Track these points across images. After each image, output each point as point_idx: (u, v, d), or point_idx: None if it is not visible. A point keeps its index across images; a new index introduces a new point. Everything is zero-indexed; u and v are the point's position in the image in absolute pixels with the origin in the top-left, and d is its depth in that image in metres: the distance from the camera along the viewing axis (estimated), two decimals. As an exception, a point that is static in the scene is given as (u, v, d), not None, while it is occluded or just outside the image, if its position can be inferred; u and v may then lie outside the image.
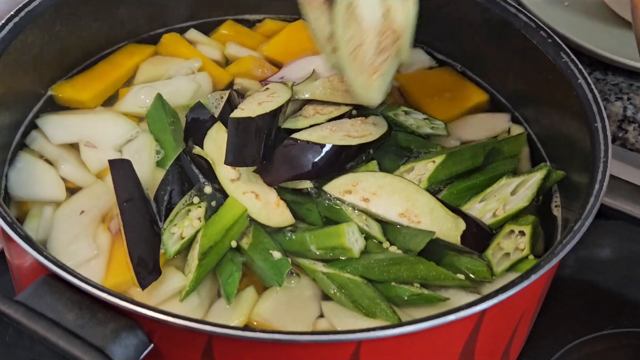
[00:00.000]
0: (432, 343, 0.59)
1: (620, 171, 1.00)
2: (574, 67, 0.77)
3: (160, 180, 0.72)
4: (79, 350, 0.53)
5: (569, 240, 0.62)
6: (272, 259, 0.68)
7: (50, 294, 0.56)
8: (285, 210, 0.72)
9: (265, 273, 0.68)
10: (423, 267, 0.68)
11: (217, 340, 0.56)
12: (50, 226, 0.71)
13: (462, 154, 0.77)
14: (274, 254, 0.68)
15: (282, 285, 0.67)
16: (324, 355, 0.57)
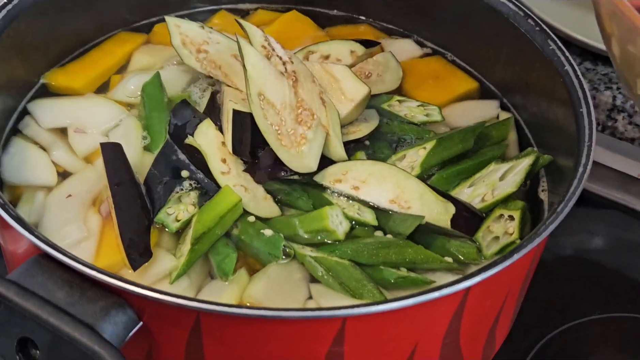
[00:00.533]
0: (416, 321, 0.60)
1: (610, 160, 1.01)
2: (561, 55, 0.78)
3: (148, 165, 0.73)
4: (69, 327, 0.54)
5: (552, 221, 0.63)
6: (265, 237, 0.69)
7: (42, 273, 0.57)
8: (272, 203, 0.73)
9: (261, 251, 0.69)
10: (411, 251, 0.69)
11: (205, 317, 0.57)
12: (42, 210, 0.72)
13: (452, 139, 0.78)
14: (266, 232, 0.70)
15: (280, 258, 0.68)
16: (310, 332, 0.58)
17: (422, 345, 0.63)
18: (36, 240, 0.58)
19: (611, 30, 0.70)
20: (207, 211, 0.70)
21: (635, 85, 0.70)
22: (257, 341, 0.58)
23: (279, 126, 0.74)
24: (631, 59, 0.68)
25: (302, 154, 0.73)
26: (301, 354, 0.59)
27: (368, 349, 0.61)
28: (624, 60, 0.69)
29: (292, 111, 0.74)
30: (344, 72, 0.80)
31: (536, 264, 0.72)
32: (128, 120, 0.79)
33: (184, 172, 0.74)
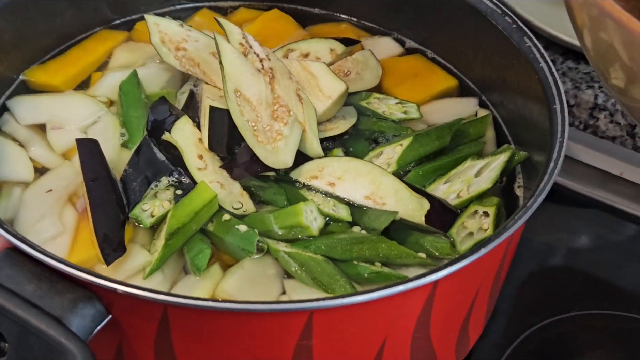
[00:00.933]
0: (384, 314, 0.61)
1: (592, 158, 1.02)
2: (537, 52, 0.79)
3: (125, 161, 0.73)
4: (36, 319, 0.54)
5: (521, 216, 0.63)
6: (240, 232, 0.70)
7: (11, 266, 0.58)
8: (248, 200, 0.74)
9: (235, 246, 0.69)
10: (385, 246, 0.69)
11: (172, 310, 0.57)
12: (18, 206, 0.72)
13: (428, 135, 0.78)
14: (240, 228, 0.70)
15: (254, 253, 0.69)
16: (278, 325, 0.58)
17: (392, 339, 0.63)
18: (5, 234, 0.58)
19: (582, 22, 0.70)
20: (183, 207, 0.70)
21: (609, 76, 0.70)
22: (225, 335, 0.59)
23: (255, 122, 0.74)
24: (603, 48, 0.68)
25: (278, 150, 0.73)
26: (269, 348, 0.60)
27: (337, 343, 0.61)
28: (597, 51, 0.70)
29: (268, 107, 0.75)
30: (321, 69, 0.80)
31: (509, 260, 0.72)
32: (106, 117, 0.79)
33: (160, 168, 0.74)
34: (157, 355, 0.61)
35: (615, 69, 0.68)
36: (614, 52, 0.66)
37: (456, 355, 0.73)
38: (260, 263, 0.69)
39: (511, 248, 0.71)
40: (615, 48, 0.66)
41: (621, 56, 0.65)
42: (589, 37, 0.71)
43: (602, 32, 0.68)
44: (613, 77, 0.69)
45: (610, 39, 0.67)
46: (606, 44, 0.68)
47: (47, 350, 0.54)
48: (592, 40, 0.70)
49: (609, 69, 0.69)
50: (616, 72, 0.68)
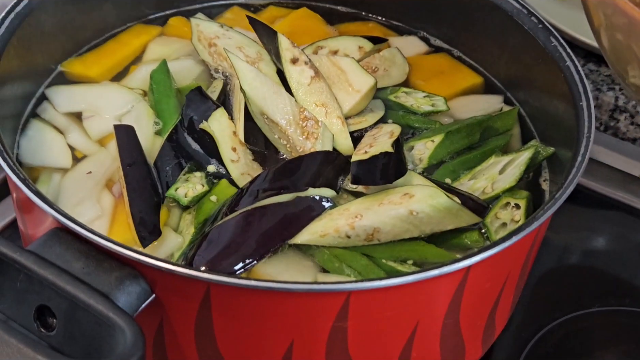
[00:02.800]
0: (418, 299, 0.62)
1: (612, 160, 1.03)
2: (563, 51, 0.81)
3: (158, 149, 0.75)
4: (85, 294, 0.56)
5: (550, 206, 0.65)
6: None
7: (59, 244, 0.60)
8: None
9: None
10: (423, 249, 0.70)
11: (215, 289, 0.59)
12: (58, 191, 0.74)
13: (459, 132, 0.80)
14: None
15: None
16: (315, 306, 0.60)
17: (424, 324, 0.65)
18: (55, 213, 0.60)
19: (599, 21, 0.72)
20: (207, 202, 0.72)
21: (627, 74, 0.71)
22: (264, 315, 0.61)
23: (287, 141, 0.77)
24: (620, 47, 0.69)
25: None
26: (306, 329, 0.62)
27: (371, 326, 0.63)
28: (614, 50, 0.71)
29: (297, 127, 0.77)
30: (350, 64, 0.82)
31: (535, 252, 0.74)
32: (140, 105, 0.81)
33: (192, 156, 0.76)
34: (197, 335, 0.63)
35: (633, 68, 0.69)
36: (631, 51, 0.67)
37: (482, 344, 0.75)
38: (297, 254, 0.70)
39: (538, 239, 0.72)
40: (631, 46, 0.67)
41: (638, 54, 0.66)
42: (605, 36, 0.72)
43: (618, 32, 0.70)
44: (631, 76, 0.71)
45: (626, 37, 0.69)
46: (622, 43, 0.69)
47: (95, 326, 0.56)
48: (609, 40, 0.72)
49: (627, 67, 0.70)
50: (634, 70, 0.70)
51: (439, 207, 0.70)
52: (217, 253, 0.67)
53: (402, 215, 0.69)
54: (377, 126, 0.80)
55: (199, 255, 0.67)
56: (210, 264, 0.66)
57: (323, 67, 0.82)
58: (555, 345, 0.84)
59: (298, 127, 0.77)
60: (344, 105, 0.80)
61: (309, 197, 0.71)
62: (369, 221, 0.69)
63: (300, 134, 0.77)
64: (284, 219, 0.69)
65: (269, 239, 0.68)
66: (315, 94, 0.80)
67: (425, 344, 0.67)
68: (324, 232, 0.69)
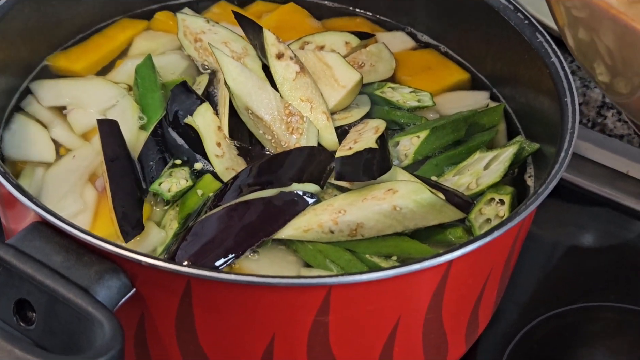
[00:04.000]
0: (399, 293, 0.62)
1: (600, 156, 1.03)
2: (548, 47, 0.81)
3: (143, 143, 0.75)
4: (64, 288, 0.56)
5: (533, 201, 0.65)
6: None
7: (39, 238, 0.59)
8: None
9: None
10: (407, 245, 0.70)
11: (195, 283, 0.59)
12: (41, 186, 0.74)
13: (444, 128, 0.80)
14: None
15: None
16: (297, 300, 0.60)
17: (405, 319, 0.65)
18: (35, 207, 0.60)
19: (562, 20, 0.72)
20: (192, 196, 0.72)
21: (595, 72, 0.71)
22: (246, 309, 0.61)
23: (272, 136, 0.76)
24: (584, 45, 0.69)
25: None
26: (288, 323, 0.62)
27: (352, 320, 0.63)
28: (579, 49, 0.71)
29: (282, 122, 0.77)
30: (336, 59, 0.82)
31: (519, 247, 0.74)
32: (125, 100, 0.81)
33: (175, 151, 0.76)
34: (178, 330, 0.63)
35: (599, 65, 0.69)
36: (594, 47, 0.67)
37: (466, 340, 0.75)
38: (280, 249, 0.70)
39: (522, 234, 0.72)
40: (594, 41, 0.67)
41: (600, 49, 0.65)
42: (570, 35, 0.72)
43: (580, 26, 0.69)
44: (598, 73, 0.70)
45: (589, 32, 0.68)
46: (585, 39, 0.69)
47: (75, 320, 0.56)
48: (573, 38, 0.71)
49: (594, 65, 0.70)
50: (600, 67, 0.69)
51: (422, 202, 0.70)
52: (199, 247, 0.67)
53: (386, 210, 0.69)
54: (363, 121, 0.80)
55: (182, 249, 0.67)
56: (193, 258, 0.65)
57: (309, 62, 0.82)
58: (539, 341, 0.85)
59: (283, 123, 0.76)
60: (329, 100, 0.80)
61: (293, 192, 0.70)
62: (353, 216, 0.69)
63: (285, 130, 0.76)
64: (268, 214, 0.69)
65: (252, 234, 0.68)
66: (300, 89, 0.79)
67: (408, 339, 0.67)
68: (308, 227, 0.69)
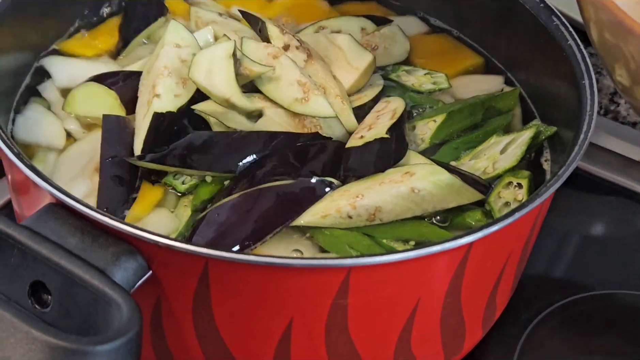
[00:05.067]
0: (419, 275, 0.62)
1: (612, 144, 1.02)
2: (565, 30, 0.80)
3: None
4: (81, 270, 0.55)
5: (553, 183, 0.64)
6: None
7: (54, 219, 0.59)
8: None
9: None
10: (426, 230, 0.69)
11: (213, 264, 0.58)
12: (52, 170, 0.74)
13: (461, 112, 0.79)
14: None
15: None
16: (316, 282, 0.59)
17: (424, 302, 0.64)
18: (50, 188, 0.59)
19: (589, 16, 0.71)
20: (204, 185, 0.71)
21: (614, 71, 0.71)
22: (264, 292, 0.60)
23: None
24: (608, 45, 0.69)
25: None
26: (306, 306, 0.61)
27: (371, 303, 0.62)
28: (603, 46, 0.71)
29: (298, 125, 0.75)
30: (348, 42, 0.81)
31: (537, 231, 0.73)
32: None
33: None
34: (194, 312, 0.62)
35: (620, 67, 0.69)
36: (618, 49, 0.66)
37: (483, 325, 0.74)
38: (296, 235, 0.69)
39: (540, 218, 0.72)
40: (619, 45, 0.66)
41: (625, 53, 0.65)
42: (595, 31, 0.71)
43: (606, 29, 0.69)
44: (618, 74, 0.70)
45: (614, 37, 0.68)
46: (610, 41, 0.68)
47: (91, 301, 0.55)
48: (598, 35, 0.71)
49: (614, 65, 0.70)
50: (621, 69, 0.69)
51: (440, 183, 0.69)
52: (215, 234, 0.66)
53: (404, 193, 0.68)
54: (384, 100, 0.79)
55: (197, 235, 0.66)
56: (209, 245, 0.64)
57: (320, 45, 0.81)
58: (555, 328, 0.84)
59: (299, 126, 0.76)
60: (343, 83, 0.79)
61: (310, 180, 0.70)
62: (371, 200, 0.68)
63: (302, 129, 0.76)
64: (285, 201, 0.68)
65: (270, 221, 0.67)
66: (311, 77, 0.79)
67: (426, 323, 0.66)
68: (326, 213, 0.68)
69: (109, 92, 0.75)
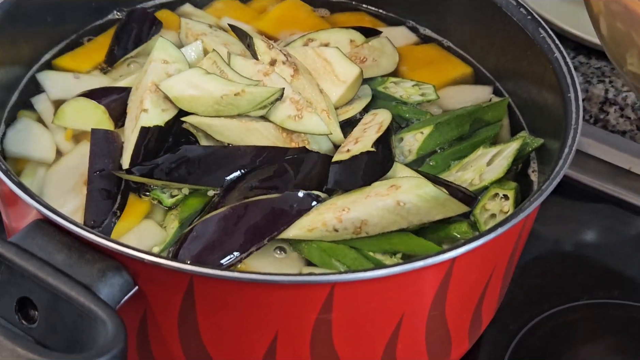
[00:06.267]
0: (403, 290, 0.62)
1: (602, 153, 1.03)
2: (551, 42, 0.81)
3: None
4: (66, 286, 0.56)
5: (537, 197, 0.64)
6: None
7: (42, 236, 0.59)
8: None
9: None
10: (413, 242, 0.70)
11: (198, 280, 0.58)
12: (42, 185, 0.74)
13: (449, 124, 0.79)
14: None
15: None
16: (300, 298, 0.60)
17: (409, 316, 0.64)
18: (37, 205, 0.60)
19: (598, 9, 0.72)
20: (192, 198, 0.72)
21: (625, 62, 0.71)
22: (249, 307, 0.60)
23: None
24: (619, 35, 0.69)
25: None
26: (291, 321, 0.61)
27: (356, 318, 0.62)
28: (613, 38, 0.71)
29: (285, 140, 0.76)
30: (335, 55, 0.82)
31: (522, 244, 0.74)
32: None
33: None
34: (180, 328, 0.62)
35: (632, 55, 0.69)
36: (630, 38, 0.67)
37: (469, 337, 0.75)
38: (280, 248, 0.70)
39: (525, 231, 0.72)
40: (631, 34, 0.67)
41: (637, 42, 0.66)
42: (604, 24, 0.72)
43: (617, 19, 0.70)
44: (629, 63, 0.71)
45: (626, 25, 0.69)
46: (622, 30, 0.69)
47: (77, 318, 0.56)
48: (608, 27, 0.72)
49: (625, 55, 0.70)
50: (632, 57, 0.70)
51: (426, 196, 0.69)
52: (202, 248, 0.66)
53: (390, 206, 0.69)
54: (371, 112, 0.80)
55: (184, 249, 0.66)
56: (195, 258, 0.65)
57: (308, 59, 0.82)
58: (543, 338, 0.84)
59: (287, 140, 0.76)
60: (330, 96, 0.80)
61: (297, 194, 0.70)
62: (357, 213, 0.69)
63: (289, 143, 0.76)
64: (272, 215, 0.69)
65: (256, 235, 0.68)
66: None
67: (411, 337, 0.67)
68: (312, 227, 0.69)
69: (97, 107, 0.76)
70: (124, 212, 0.70)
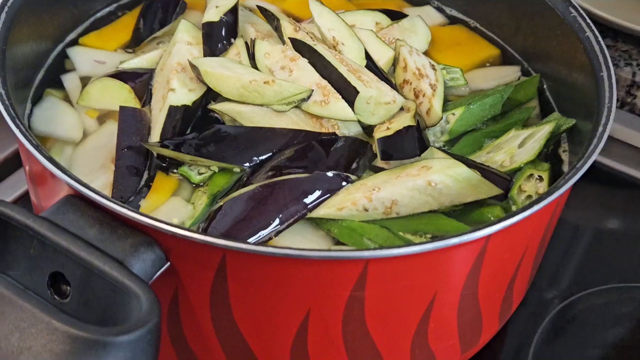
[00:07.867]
0: (436, 268, 0.61)
1: (628, 137, 1.02)
2: (582, 21, 0.79)
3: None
4: (99, 261, 0.55)
5: (571, 176, 0.64)
6: None
7: (73, 211, 0.59)
8: None
9: None
10: (444, 222, 0.69)
11: (231, 256, 0.58)
12: (70, 163, 0.74)
13: (481, 104, 0.78)
14: None
15: None
16: (333, 274, 0.59)
17: (441, 295, 0.64)
18: (68, 179, 0.59)
19: None
20: (220, 175, 0.71)
21: None
22: (281, 283, 0.60)
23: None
24: None
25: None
26: (323, 298, 0.61)
27: (388, 295, 0.62)
28: None
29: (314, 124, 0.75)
30: (369, 36, 0.81)
31: (554, 223, 0.73)
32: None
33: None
34: (212, 304, 0.62)
35: None
36: None
37: (500, 318, 0.74)
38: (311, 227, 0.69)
39: (558, 211, 0.71)
40: None
41: None
42: None
43: None
44: None
45: None
46: None
47: (110, 293, 0.55)
48: None
49: None
50: None
51: (457, 177, 0.68)
52: (231, 225, 0.66)
53: (421, 186, 0.68)
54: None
55: (213, 227, 0.66)
56: (225, 235, 0.65)
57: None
58: (571, 321, 0.84)
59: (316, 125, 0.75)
60: None
61: (327, 173, 0.69)
62: (387, 193, 0.68)
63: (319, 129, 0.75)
64: (302, 194, 0.68)
65: (285, 213, 0.67)
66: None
67: (443, 316, 0.66)
68: (342, 205, 0.68)
69: (123, 86, 0.76)
70: (151, 189, 0.70)
